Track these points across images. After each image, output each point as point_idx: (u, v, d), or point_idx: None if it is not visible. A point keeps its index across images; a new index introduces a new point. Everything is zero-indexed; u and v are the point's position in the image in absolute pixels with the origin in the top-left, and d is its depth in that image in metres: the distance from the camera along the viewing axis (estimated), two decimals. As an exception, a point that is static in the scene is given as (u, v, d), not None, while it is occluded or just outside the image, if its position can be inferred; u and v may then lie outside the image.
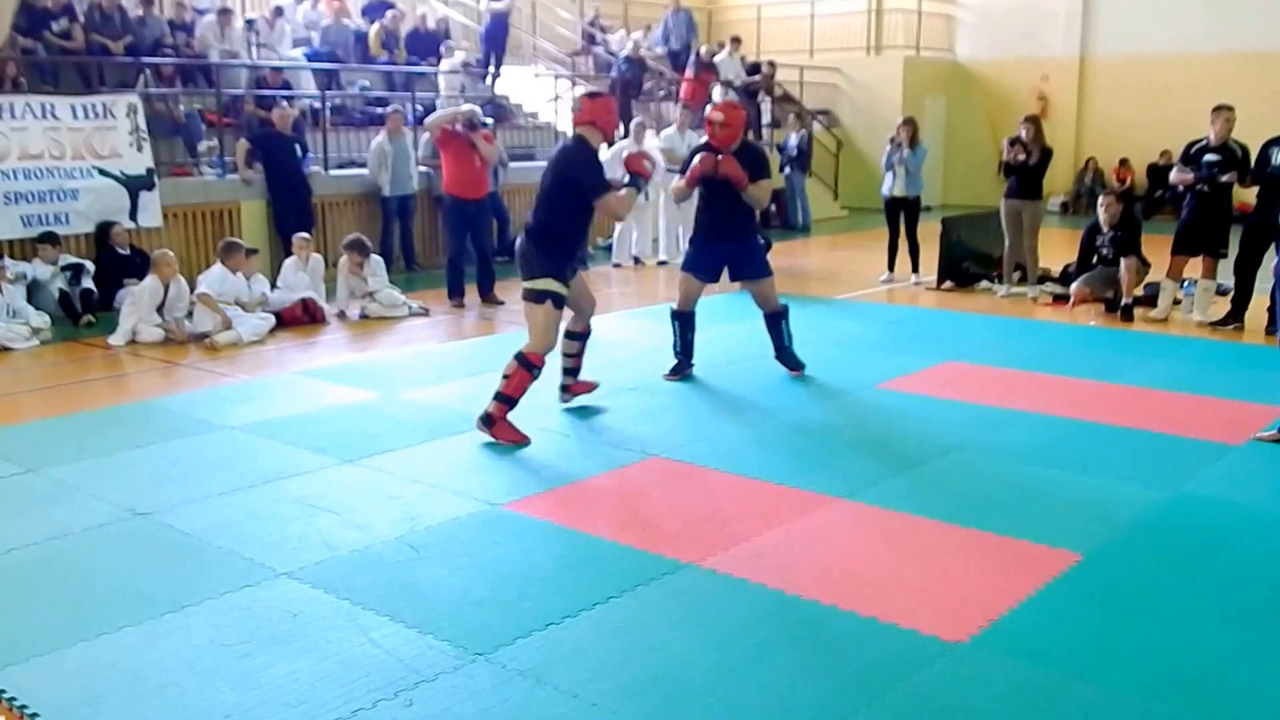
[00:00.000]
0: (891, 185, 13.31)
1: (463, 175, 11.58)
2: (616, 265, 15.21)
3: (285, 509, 5.74)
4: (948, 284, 12.95)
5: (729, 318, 10.56)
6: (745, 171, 8.06)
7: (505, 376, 6.91)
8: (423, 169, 14.12)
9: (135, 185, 12.01)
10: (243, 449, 6.79)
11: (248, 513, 5.69)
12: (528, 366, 6.90)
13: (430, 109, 14.62)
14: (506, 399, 6.89)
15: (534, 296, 6.91)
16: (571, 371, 7.77)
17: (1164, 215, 14.63)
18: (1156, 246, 11.60)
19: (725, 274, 8.57)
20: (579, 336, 7.69)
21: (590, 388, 7.87)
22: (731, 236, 8.30)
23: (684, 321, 8.59)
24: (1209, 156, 10.55)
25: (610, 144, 13.50)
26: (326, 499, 5.89)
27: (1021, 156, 11.94)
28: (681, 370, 8.56)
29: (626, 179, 7.17)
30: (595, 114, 6.99)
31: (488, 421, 6.85)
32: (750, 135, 16.39)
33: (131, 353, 9.69)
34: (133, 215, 11.98)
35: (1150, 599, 4.69)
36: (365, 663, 4.13)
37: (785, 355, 8.62)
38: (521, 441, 6.78)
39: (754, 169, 8.13)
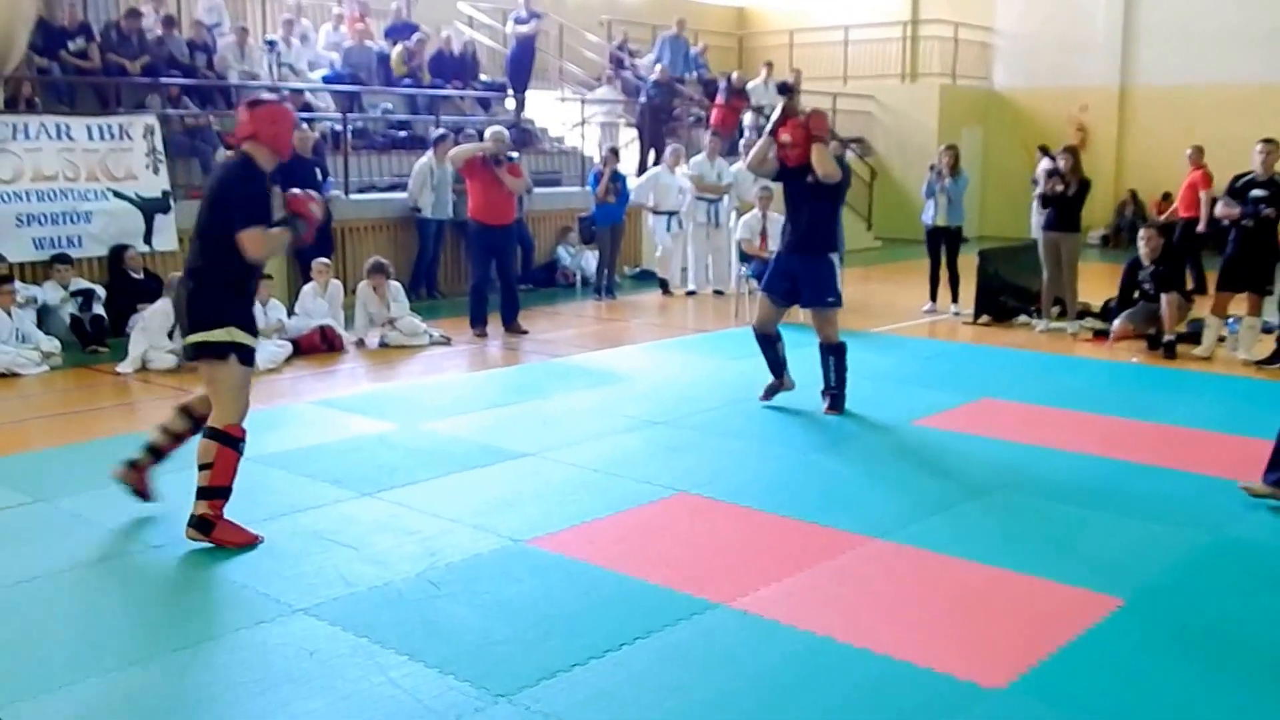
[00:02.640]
0: (934, 214, 13.36)
1: (489, 201, 11.64)
2: (664, 287, 15.36)
3: (301, 543, 5.74)
4: (985, 318, 12.93)
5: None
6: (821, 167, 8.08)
7: (203, 466, 5.65)
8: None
9: (150, 208, 12.11)
10: (257, 481, 6.76)
11: (263, 547, 5.69)
12: (229, 442, 5.67)
13: (455, 133, 14.69)
14: (215, 491, 5.67)
15: (211, 351, 5.64)
16: (156, 452, 6.15)
17: (1207, 251, 14.55)
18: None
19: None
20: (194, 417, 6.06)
21: (145, 493, 6.18)
22: (801, 251, 8.26)
23: (761, 342, 8.57)
24: (1256, 191, 10.52)
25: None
26: (344, 533, 5.89)
27: (1060, 188, 11.94)
28: (770, 392, 8.62)
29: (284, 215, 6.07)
30: (258, 126, 5.78)
31: (203, 526, 5.63)
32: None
33: (143, 379, 9.74)
34: (147, 239, 12.07)
35: (1195, 645, 4.66)
36: (384, 703, 4.12)
37: (830, 393, 8.48)
38: (252, 541, 5.66)
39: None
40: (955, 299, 13.48)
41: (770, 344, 8.54)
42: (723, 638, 4.68)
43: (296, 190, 6.22)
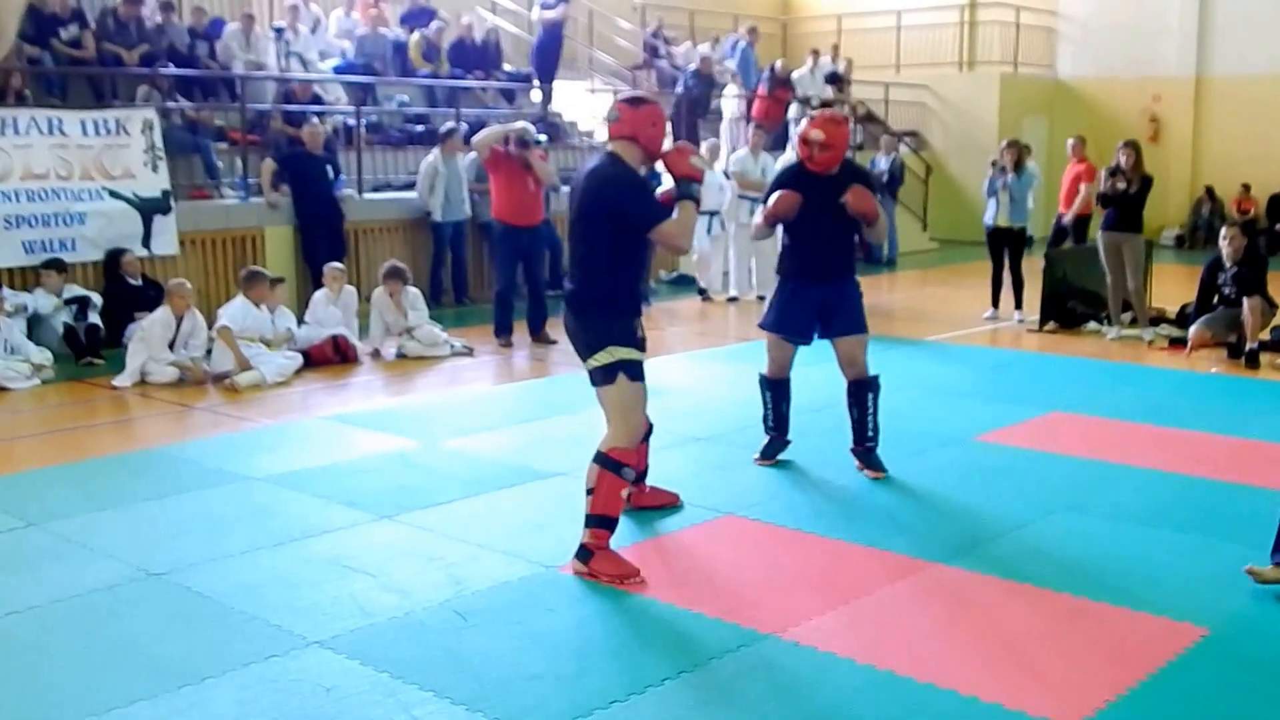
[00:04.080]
0: (995, 214, 13.32)
1: (515, 200, 11.63)
2: (703, 294, 15.36)
3: (315, 570, 5.74)
4: (1051, 325, 12.86)
5: (808, 359, 10.51)
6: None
7: (589, 491, 5.73)
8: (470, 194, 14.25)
9: (149, 209, 12.17)
10: (267, 503, 6.81)
11: (273, 574, 5.70)
12: (614, 468, 5.70)
13: (477, 128, 14.73)
14: (601, 520, 5.71)
15: (599, 375, 5.79)
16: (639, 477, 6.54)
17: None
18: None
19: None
20: None
21: (668, 501, 6.75)
22: (830, 278, 7.32)
23: (775, 391, 7.65)
24: None
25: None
26: (361, 559, 5.89)
27: (1121, 185, 11.90)
28: (774, 451, 7.65)
29: (674, 189, 5.98)
30: (637, 126, 5.84)
31: (582, 555, 5.71)
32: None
33: (142, 394, 9.78)
34: (146, 242, 12.13)
35: (1289, 680, 4.62)
36: (407, 743, 4.10)
37: (866, 447, 7.44)
38: (631, 575, 5.60)
39: None
40: (1019, 305, 13.41)
41: (784, 394, 7.65)
42: (775, 671, 4.65)
43: (667, 148, 6.11)
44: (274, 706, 4.37)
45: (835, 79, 21.33)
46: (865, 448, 7.41)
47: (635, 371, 5.80)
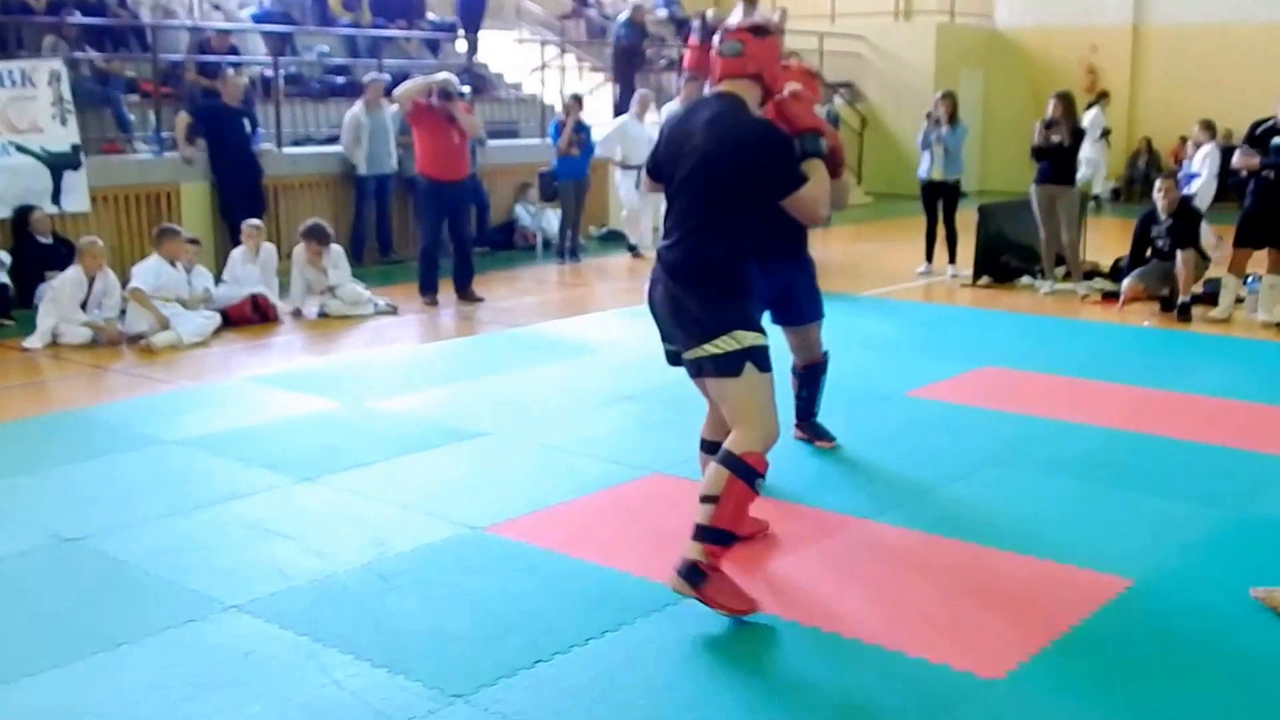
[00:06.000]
0: (929, 167, 13.41)
1: (439, 154, 11.59)
2: (633, 250, 15.31)
3: (234, 534, 5.74)
4: (985, 279, 13.00)
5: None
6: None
7: (708, 499, 4.78)
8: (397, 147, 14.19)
9: (58, 164, 11.98)
10: (184, 466, 6.79)
11: (191, 539, 5.69)
12: (747, 475, 4.76)
13: (400, 79, 14.64)
14: (719, 535, 4.78)
15: (718, 365, 4.83)
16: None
17: (1227, 204, 14.69)
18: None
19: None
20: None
21: (759, 529, 5.74)
22: (788, 259, 6.74)
23: None
24: (1278, 139, 10.60)
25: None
26: (281, 523, 5.89)
27: (1056, 138, 12.03)
28: None
29: (798, 146, 5.02)
30: (764, 62, 5.02)
31: (692, 576, 4.74)
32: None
33: (54, 356, 9.69)
34: (55, 198, 11.94)
35: (1208, 629, 4.74)
36: (328, 707, 4.14)
37: (813, 422, 7.24)
38: (749, 611, 4.79)
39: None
40: (953, 259, 13.53)
41: None
42: (699, 630, 4.71)
43: (783, 96, 5.24)
44: (191, 672, 4.38)
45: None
46: (812, 417, 7.25)
47: (764, 360, 4.85)
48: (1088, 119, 19.24)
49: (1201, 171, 14.91)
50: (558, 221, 15.19)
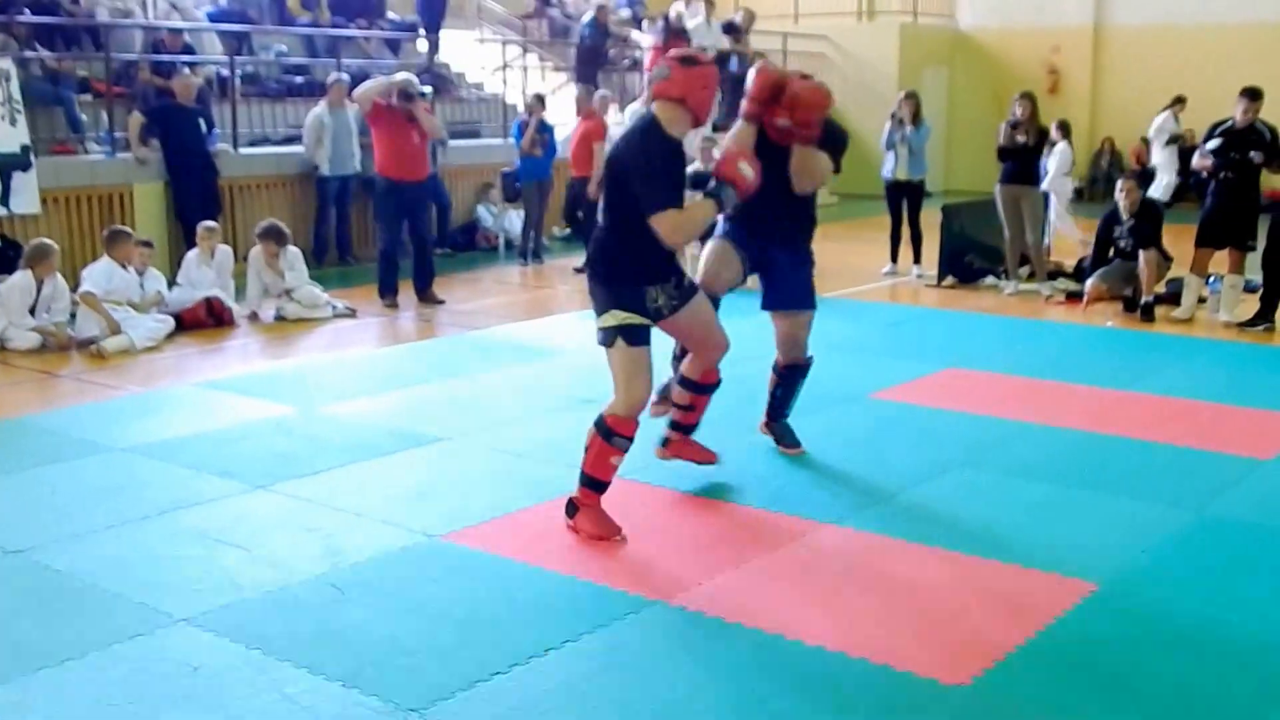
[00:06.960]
0: (894, 168, 13.43)
1: (399, 154, 11.52)
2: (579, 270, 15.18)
3: (184, 544, 5.66)
4: (949, 280, 13.03)
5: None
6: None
7: (586, 449, 5.82)
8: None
9: (8, 165, 11.80)
10: (134, 474, 6.70)
11: (139, 549, 5.60)
12: (605, 434, 5.71)
13: (360, 79, 14.54)
14: (589, 481, 5.78)
15: (600, 337, 5.79)
16: (680, 427, 6.62)
17: (1188, 204, 14.80)
18: (1180, 238, 11.72)
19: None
20: (695, 387, 6.47)
21: (705, 458, 6.64)
22: (789, 246, 6.75)
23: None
24: (1212, 143, 10.81)
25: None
26: (233, 532, 5.81)
27: (1021, 138, 12.08)
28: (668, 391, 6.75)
29: (708, 186, 5.76)
30: (689, 88, 5.59)
31: (569, 510, 5.85)
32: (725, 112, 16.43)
33: (1, 361, 9.54)
34: (4, 200, 11.78)
35: (1172, 634, 4.75)
36: (278, 722, 4.07)
37: (784, 424, 7.13)
38: (611, 535, 5.72)
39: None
40: (917, 260, 13.56)
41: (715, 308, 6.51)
42: (662, 639, 4.68)
43: (730, 146, 6.12)
44: (137, 688, 4.30)
45: (732, 29, 21.29)
46: (781, 422, 7.14)
47: (634, 337, 5.69)
48: (1156, 123, 19.31)
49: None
50: (520, 222, 15.13)
